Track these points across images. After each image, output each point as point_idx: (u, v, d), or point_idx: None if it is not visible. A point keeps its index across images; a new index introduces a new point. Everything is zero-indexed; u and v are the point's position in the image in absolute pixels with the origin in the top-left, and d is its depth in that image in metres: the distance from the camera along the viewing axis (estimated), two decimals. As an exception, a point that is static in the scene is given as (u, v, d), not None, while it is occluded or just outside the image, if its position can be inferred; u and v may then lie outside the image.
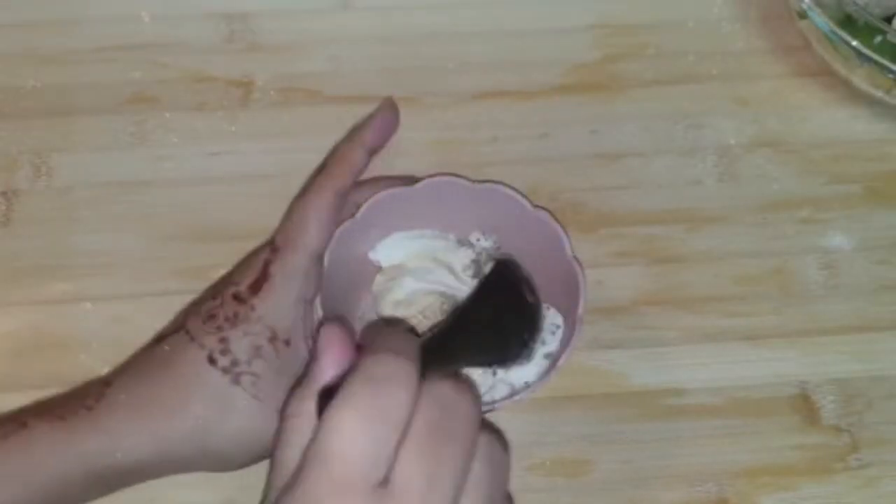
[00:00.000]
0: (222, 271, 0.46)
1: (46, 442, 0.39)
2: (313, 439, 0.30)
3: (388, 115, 0.48)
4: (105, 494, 0.41)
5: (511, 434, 0.46)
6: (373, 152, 0.47)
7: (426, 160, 0.51)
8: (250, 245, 0.47)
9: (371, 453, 0.29)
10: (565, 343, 0.42)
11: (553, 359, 0.42)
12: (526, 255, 0.44)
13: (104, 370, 0.47)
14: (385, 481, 0.29)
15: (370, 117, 0.48)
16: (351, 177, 0.45)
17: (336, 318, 0.40)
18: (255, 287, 0.43)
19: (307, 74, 0.54)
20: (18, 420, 0.40)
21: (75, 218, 0.51)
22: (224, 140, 0.53)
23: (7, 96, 0.53)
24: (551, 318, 0.44)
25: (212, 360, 0.41)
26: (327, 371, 0.33)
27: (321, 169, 0.46)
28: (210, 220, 0.51)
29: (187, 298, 0.46)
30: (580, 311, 0.42)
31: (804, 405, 0.48)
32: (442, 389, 0.31)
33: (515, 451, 0.46)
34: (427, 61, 0.55)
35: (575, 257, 0.43)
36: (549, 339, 0.44)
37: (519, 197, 0.44)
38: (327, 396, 0.31)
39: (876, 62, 0.49)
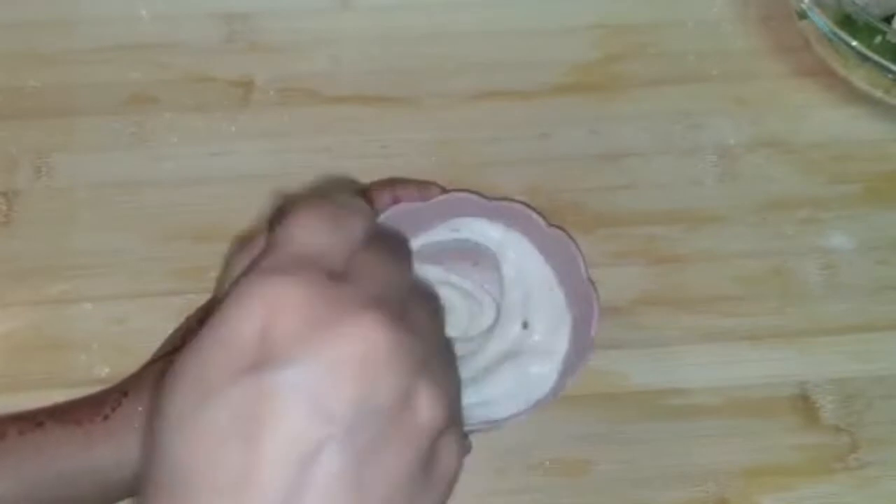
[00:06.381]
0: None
1: (60, 443, 0.39)
2: (274, 233, 0.29)
3: (432, 188, 0.48)
4: (110, 503, 0.41)
5: (511, 434, 0.46)
6: (396, 201, 0.47)
7: (426, 160, 0.52)
8: (250, 245, 0.47)
9: (329, 244, 0.28)
10: (576, 363, 0.42)
11: (562, 376, 0.42)
12: (541, 274, 0.44)
13: (104, 370, 0.47)
14: (340, 275, 0.28)
15: (416, 181, 0.48)
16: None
17: None
18: None
19: (307, 74, 0.54)
20: (35, 419, 0.40)
21: (75, 218, 0.51)
22: (224, 140, 0.53)
23: (7, 96, 0.53)
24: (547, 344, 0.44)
25: None
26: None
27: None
28: (210, 220, 0.51)
29: (187, 298, 0.46)
30: (593, 332, 0.42)
31: (804, 405, 0.48)
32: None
33: (515, 451, 0.47)
34: (427, 61, 0.55)
35: (590, 279, 0.43)
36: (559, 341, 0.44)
37: (534, 215, 0.44)
38: None
39: (876, 62, 0.49)
